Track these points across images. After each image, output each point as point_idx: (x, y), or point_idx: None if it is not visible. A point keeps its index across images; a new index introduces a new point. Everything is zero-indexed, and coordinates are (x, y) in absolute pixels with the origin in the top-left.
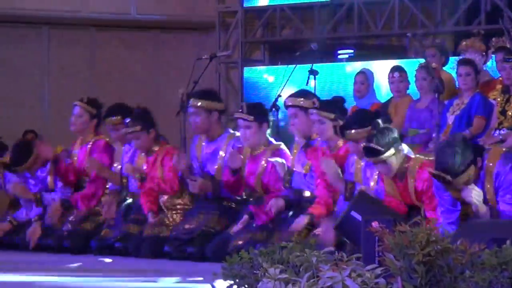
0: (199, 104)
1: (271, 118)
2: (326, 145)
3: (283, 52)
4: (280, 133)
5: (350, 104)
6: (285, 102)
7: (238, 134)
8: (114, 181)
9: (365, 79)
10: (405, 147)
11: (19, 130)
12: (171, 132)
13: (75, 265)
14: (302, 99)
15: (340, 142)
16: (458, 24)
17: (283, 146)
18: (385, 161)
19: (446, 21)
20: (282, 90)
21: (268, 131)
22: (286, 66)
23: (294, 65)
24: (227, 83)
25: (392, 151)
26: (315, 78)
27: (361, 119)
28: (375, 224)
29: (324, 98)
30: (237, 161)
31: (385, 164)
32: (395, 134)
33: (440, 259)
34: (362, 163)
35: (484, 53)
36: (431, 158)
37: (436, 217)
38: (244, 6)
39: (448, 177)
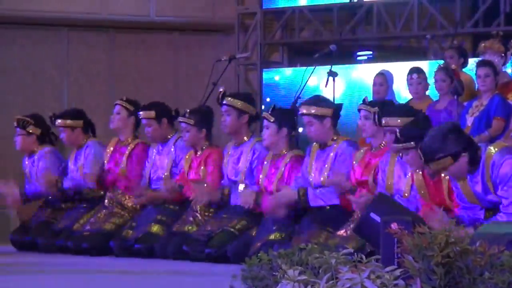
0: (232, 103)
1: (297, 127)
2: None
3: (302, 54)
4: (299, 135)
5: None
6: (299, 109)
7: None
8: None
9: (384, 81)
10: None
11: None
12: None
13: (92, 266)
14: (314, 107)
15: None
16: (477, 25)
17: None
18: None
19: (465, 23)
20: (301, 92)
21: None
22: (305, 67)
23: (313, 67)
24: (246, 85)
25: None
26: (334, 80)
27: (400, 111)
28: (394, 225)
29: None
30: (249, 201)
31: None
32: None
33: (459, 260)
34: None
35: (503, 55)
36: None
37: None
38: (263, 8)
39: (422, 158)
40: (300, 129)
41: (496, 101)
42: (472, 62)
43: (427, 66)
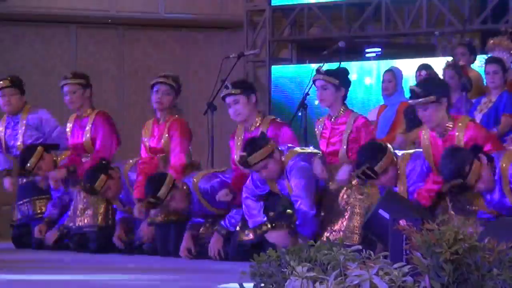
0: (236, 92)
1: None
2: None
3: (310, 51)
4: (308, 132)
5: (378, 103)
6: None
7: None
8: None
9: (393, 77)
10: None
11: None
12: (198, 131)
13: (99, 263)
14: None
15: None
16: (485, 22)
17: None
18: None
19: (474, 20)
20: (309, 88)
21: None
22: (313, 64)
23: (322, 64)
24: (254, 82)
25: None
26: None
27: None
28: (402, 222)
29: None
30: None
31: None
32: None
33: (468, 257)
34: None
35: (511, 51)
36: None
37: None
38: (272, 4)
39: (459, 181)
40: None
41: (505, 98)
42: (481, 59)
43: (436, 63)
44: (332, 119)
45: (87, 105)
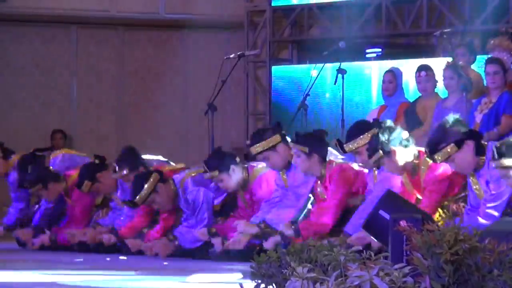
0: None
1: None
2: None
3: (311, 51)
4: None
5: (379, 103)
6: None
7: None
8: None
9: (393, 78)
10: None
11: (48, 129)
12: (199, 131)
13: (101, 263)
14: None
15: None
16: (486, 22)
17: None
18: (390, 157)
19: (474, 20)
20: (310, 89)
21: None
22: (314, 65)
23: (322, 64)
24: (255, 82)
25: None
26: (343, 77)
27: (357, 130)
28: (403, 223)
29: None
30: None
31: (390, 160)
32: (399, 132)
33: (468, 258)
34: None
35: None
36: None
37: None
38: (272, 5)
39: (427, 151)
40: None
41: (505, 98)
42: (481, 59)
43: (436, 63)
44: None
45: None
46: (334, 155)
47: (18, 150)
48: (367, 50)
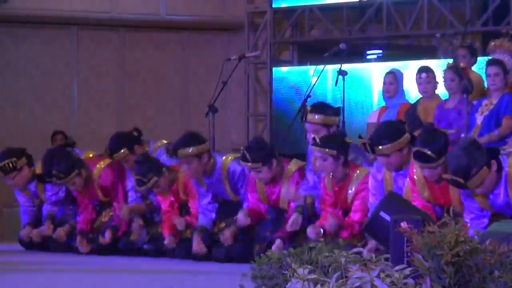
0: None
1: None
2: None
3: (312, 53)
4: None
5: (379, 105)
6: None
7: None
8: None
9: (394, 80)
10: None
11: (48, 130)
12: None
13: (101, 265)
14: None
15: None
16: (486, 24)
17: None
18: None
19: (475, 21)
20: (311, 90)
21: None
22: (315, 66)
23: (323, 66)
24: (256, 84)
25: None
26: (343, 79)
27: (390, 133)
28: (404, 224)
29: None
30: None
31: (434, 169)
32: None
33: (469, 259)
34: (392, 174)
35: None
36: None
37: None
38: (273, 6)
39: (461, 180)
40: None
41: (506, 100)
42: (482, 61)
43: (437, 65)
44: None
45: None
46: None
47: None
48: (368, 52)
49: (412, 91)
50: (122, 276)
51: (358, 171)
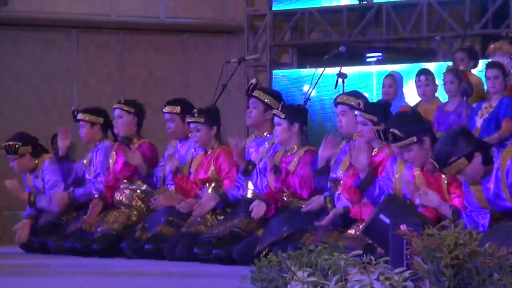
0: (261, 96)
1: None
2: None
3: (311, 56)
4: (310, 136)
5: None
6: (335, 100)
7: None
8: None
9: (393, 82)
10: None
11: (48, 133)
12: None
13: (103, 267)
14: (352, 98)
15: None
16: (486, 27)
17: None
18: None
19: (474, 24)
20: (310, 93)
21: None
22: (314, 69)
23: (323, 69)
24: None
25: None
26: (343, 81)
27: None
28: (403, 227)
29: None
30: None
31: (409, 152)
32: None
33: (468, 262)
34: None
35: None
36: None
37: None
38: (272, 9)
39: (437, 165)
40: None
41: (506, 102)
42: (481, 63)
43: (436, 67)
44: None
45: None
46: None
47: None
48: (368, 55)
49: (411, 94)
50: (122, 279)
51: None
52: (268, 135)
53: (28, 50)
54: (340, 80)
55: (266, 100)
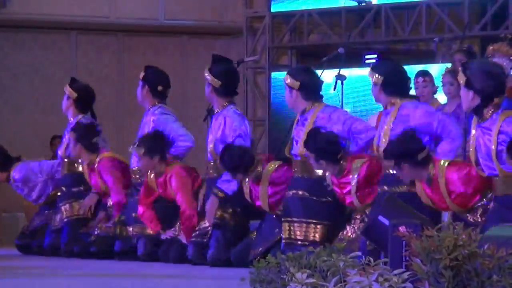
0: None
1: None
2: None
3: (310, 57)
4: None
5: (379, 109)
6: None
7: None
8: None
9: None
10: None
11: (47, 135)
12: (198, 137)
13: (98, 269)
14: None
15: None
16: (485, 28)
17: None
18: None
19: (473, 26)
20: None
21: None
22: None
23: (322, 70)
24: (254, 88)
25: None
26: (342, 83)
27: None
28: (402, 228)
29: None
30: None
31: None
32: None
33: (467, 263)
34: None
35: (511, 58)
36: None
37: None
38: (271, 11)
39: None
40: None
41: (505, 104)
42: None
43: (436, 69)
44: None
45: None
46: None
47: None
48: (366, 56)
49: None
50: (118, 281)
51: None
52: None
53: (27, 52)
54: (339, 82)
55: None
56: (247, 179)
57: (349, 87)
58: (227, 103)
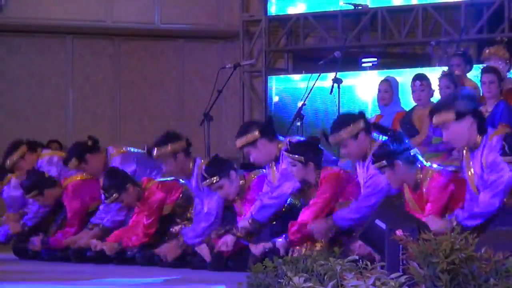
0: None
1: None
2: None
3: (307, 61)
4: None
5: (374, 113)
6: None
7: None
8: None
9: (389, 87)
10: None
11: (43, 139)
12: (195, 141)
13: (97, 274)
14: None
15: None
16: (481, 32)
17: None
18: (393, 170)
19: (470, 29)
20: (306, 98)
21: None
22: (310, 74)
23: (318, 74)
24: (251, 92)
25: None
26: (339, 87)
27: (341, 122)
28: (399, 232)
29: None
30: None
31: (392, 172)
32: (408, 147)
33: (465, 267)
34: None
35: (507, 61)
36: (448, 168)
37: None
38: (268, 15)
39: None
40: None
41: (501, 107)
42: (477, 68)
43: (432, 73)
44: None
45: None
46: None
47: None
48: (363, 60)
49: (407, 99)
50: (116, 285)
51: None
52: None
53: (23, 56)
54: (335, 85)
55: None
56: None
57: (345, 90)
58: None
